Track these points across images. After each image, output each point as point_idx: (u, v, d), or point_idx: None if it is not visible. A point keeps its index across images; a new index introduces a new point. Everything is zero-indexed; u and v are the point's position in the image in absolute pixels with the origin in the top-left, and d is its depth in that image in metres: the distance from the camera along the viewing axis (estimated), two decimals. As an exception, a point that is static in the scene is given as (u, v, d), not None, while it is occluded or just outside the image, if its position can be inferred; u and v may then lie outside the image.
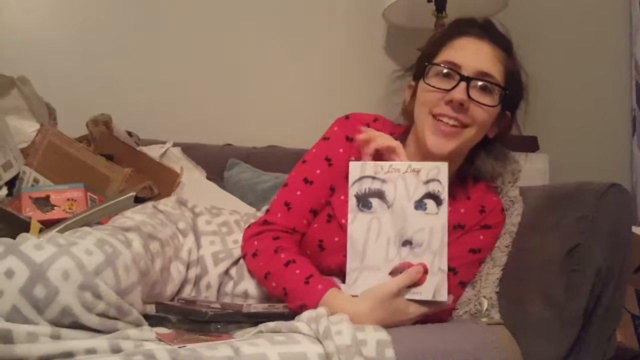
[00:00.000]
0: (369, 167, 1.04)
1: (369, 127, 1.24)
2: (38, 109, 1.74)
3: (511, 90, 1.16)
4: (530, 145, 2.24)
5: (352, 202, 1.03)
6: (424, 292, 0.98)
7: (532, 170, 1.80)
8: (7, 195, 1.50)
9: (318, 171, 1.21)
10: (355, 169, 1.04)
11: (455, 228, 1.17)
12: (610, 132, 2.25)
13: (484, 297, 1.18)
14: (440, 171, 1.00)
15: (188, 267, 1.15)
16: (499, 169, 1.27)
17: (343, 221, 1.16)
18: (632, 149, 2.15)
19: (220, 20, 2.37)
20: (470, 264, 1.19)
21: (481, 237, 1.20)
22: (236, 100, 2.37)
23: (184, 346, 0.83)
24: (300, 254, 1.15)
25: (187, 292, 1.14)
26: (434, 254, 0.98)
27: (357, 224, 1.03)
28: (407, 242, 1.00)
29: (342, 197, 1.19)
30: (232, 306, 1.04)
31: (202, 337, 0.91)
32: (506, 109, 1.19)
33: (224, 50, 2.37)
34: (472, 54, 1.13)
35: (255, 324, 0.98)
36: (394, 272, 1.00)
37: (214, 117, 2.33)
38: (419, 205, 0.99)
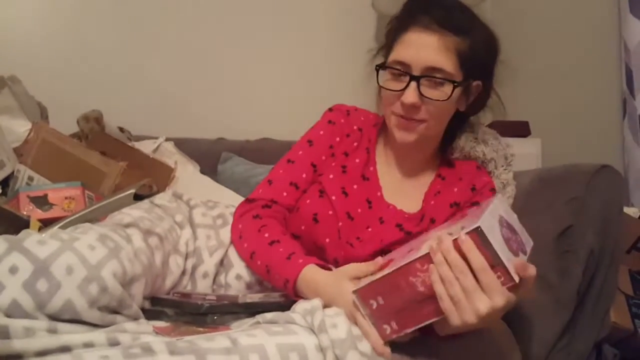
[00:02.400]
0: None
1: (349, 114, 1.30)
2: (29, 108, 1.74)
3: (473, 64, 1.15)
4: (522, 130, 2.26)
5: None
6: None
7: (524, 155, 1.81)
8: (1, 194, 1.50)
9: (300, 152, 1.28)
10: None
11: (451, 206, 1.20)
12: (601, 115, 2.25)
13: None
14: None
15: (186, 258, 1.16)
16: (490, 154, 1.28)
17: (333, 198, 1.19)
18: (623, 131, 2.15)
19: (210, 15, 2.36)
20: None
21: None
22: (228, 94, 2.38)
23: (181, 338, 0.83)
24: (284, 232, 1.17)
25: (184, 284, 1.15)
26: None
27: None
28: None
29: (331, 177, 1.23)
30: (228, 297, 1.04)
31: (199, 329, 0.92)
32: (473, 79, 1.18)
33: (215, 45, 2.37)
34: (418, 50, 1.12)
35: (252, 314, 0.99)
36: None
37: (206, 111, 2.33)
38: None
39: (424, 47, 1.12)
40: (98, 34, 2.23)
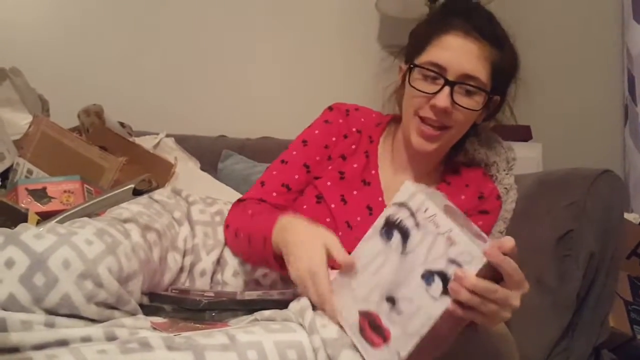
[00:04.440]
0: (417, 200, 0.86)
1: (348, 114, 1.27)
2: (30, 100, 1.74)
3: (500, 78, 1.15)
4: (524, 134, 2.26)
5: (381, 220, 0.89)
6: (368, 355, 0.85)
7: (526, 159, 1.81)
8: (0, 187, 1.50)
9: (294, 152, 1.26)
10: (405, 190, 0.88)
11: None
12: (603, 120, 2.26)
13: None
14: (473, 262, 0.79)
15: (184, 255, 1.15)
16: (493, 157, 1.28)
17: (333, 206, 1.18)
18: (625, 137, 2.16)
19: (213, 13, 2.36)
20: None
21: (480, 222, 1.21)
22: (230, 93, 2.37)
23: (178, 334, 0.83)
24: (270, 212, 1.15)
25: (182, 281, 1.14)
26: (405, 335, 0.82)
27: (369, 244, 0.90)
28: (391, 300, 0.84)
29: (329, 184, 1.21)
30: (226, 294, 1.04)
31: (197, 325, 0.91)
32: (497, 93, 1.18)
33: (218, 43, 2.37)
34: (457, 55, 1.11)
35: (250, 311, 0.99)
36: (362, 313, 0.87)
37: (207, 108, 2.33)
38: (427, 277, 0.81)
39: (464, 54, 1.11)
40: (100, 29, 2.22)
